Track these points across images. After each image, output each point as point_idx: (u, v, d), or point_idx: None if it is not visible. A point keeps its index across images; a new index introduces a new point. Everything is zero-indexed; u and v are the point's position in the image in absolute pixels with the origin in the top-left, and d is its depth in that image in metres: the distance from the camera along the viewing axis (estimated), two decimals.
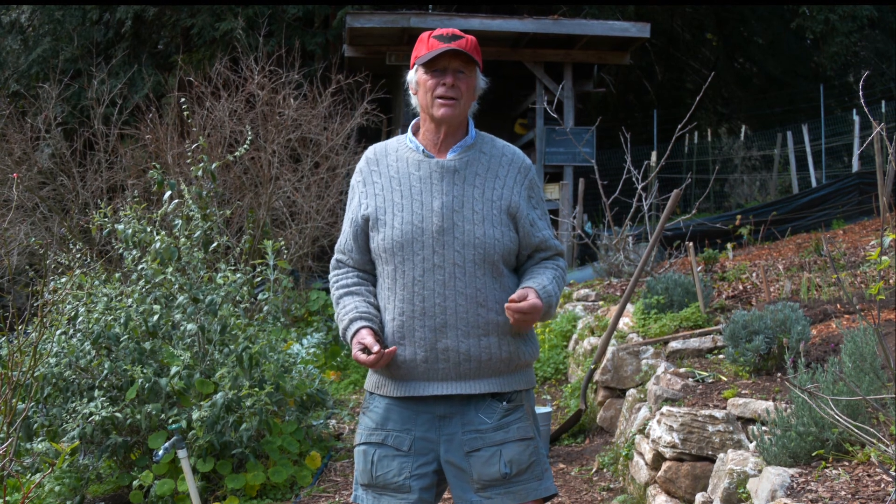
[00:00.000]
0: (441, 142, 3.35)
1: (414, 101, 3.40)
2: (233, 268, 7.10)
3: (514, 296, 3.17)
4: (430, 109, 3.30)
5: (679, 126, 9.85)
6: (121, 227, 6.85)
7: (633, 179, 10.52)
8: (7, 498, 6.16)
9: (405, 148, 3.39)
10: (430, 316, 3.22)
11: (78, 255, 7.89)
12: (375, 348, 3.16)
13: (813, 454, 4.35)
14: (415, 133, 3.42)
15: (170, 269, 6.59)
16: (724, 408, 5.58)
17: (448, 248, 3.22)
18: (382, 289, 3.32)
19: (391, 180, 3.33)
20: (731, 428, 5.36)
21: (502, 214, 3.30)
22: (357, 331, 3.25)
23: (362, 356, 3.18)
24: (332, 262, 3.48)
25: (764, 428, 4.68)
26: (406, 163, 3.35)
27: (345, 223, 3.45)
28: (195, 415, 6.07)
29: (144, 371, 6.19)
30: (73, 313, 6.66)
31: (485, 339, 3.24)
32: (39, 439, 6.45)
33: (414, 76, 3.34)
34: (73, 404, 6.29)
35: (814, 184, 17.92)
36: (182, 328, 6.57)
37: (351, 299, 3.35)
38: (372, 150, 3.46)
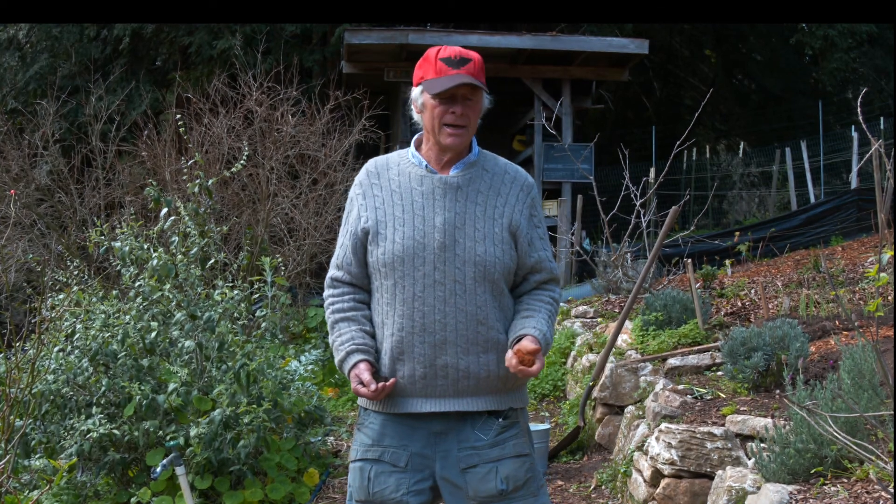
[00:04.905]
0: (445, 160, 3.33)
1: (417, 117, 3.36)
2: (230, 284, 7.09)
3: (523, 347, 3.11)
4: (437, 135, 3.27)
5: (677, 142, 9.85)
6: (117, 244, 6.84)
7: (632, 196, 10.51)
8: None
9: (407, 162, 3.36)
10: (429, 332, 3.20)
11: (75, 272, 7.88)
12: (373, 386, 3.16)
13: (811, 471, 4.35)
14: (417, 148, 3.39)
15: (167, 286, 6.58)
16: (723, 425, 5.58)
17: (449, 264, 3.21)
18: (381, 304, 3.30)
19: (392, 194, 3.31)
20: (729, 445, 5.35)
21: (504, 232, 3.28)
22: (355, 364, 3.24)
23: (362, 389, 3.18)
24: (328, 279, 3.43)
25: (762, 445, 4.68)
26: (408, 177, 3.32)
27: (342, 237, 3.40)
28: (193, 432, 6.05)
29: (142, 388, 6.18)
30: (70, 330, 6.65)
31: (484, 357, 3.23)
32: (37, 456, 6.43)
33: (420, 96, 3.30)
34: (71, 421, 6.27)
35: (812, 200, 17.91)
36: (180, 345, 6.56)
37: (347, 327, 3.32)
38: (373, 163, 3.43)
